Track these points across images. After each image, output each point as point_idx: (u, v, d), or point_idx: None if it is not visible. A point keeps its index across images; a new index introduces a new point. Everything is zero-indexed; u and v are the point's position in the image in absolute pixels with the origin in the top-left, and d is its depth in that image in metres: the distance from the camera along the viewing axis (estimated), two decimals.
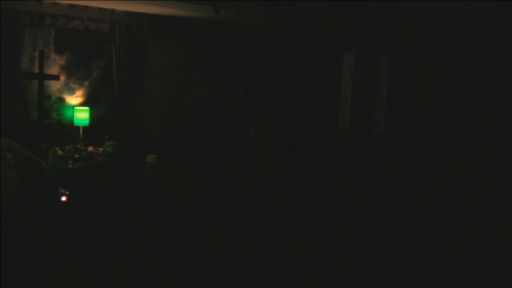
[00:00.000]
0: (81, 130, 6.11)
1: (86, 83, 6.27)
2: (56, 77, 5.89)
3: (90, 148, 6.06)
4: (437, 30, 6.57)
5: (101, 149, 6.18)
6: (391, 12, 5.34)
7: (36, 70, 5.69)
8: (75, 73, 6.16)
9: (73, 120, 6.10)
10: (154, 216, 5.69)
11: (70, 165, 5.71)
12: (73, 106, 6.14)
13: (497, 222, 5.69)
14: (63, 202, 5.31)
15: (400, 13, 5.40)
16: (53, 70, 5.94)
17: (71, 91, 6.17)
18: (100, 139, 6.27)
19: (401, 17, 5.72)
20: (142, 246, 4.98)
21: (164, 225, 5.50)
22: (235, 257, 4.98)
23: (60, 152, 5.82)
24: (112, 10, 6.11)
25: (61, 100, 6.11)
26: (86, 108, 6.09)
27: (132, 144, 6.46)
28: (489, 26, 5.88)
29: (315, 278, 4.66)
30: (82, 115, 6.04)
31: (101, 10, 6.01)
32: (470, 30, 6.29)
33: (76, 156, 5.88)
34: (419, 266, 4.89)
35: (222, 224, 5.68)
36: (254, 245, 5.25)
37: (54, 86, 6.01)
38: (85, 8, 5.87)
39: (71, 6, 5.75)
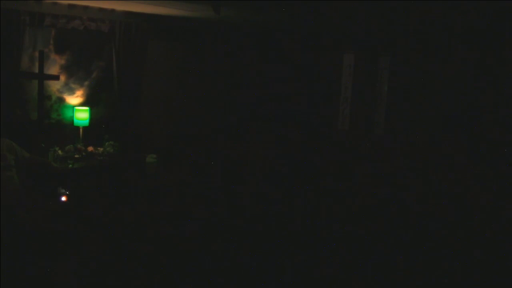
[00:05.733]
0: (81, 130, 6.11)
1: (86, 83, 6.28)
2: (56, 77, 5.89)
3: (90, 148, 6.06)
4: (437, 30, 6.57)
5: (101, 149, 6.18)
6: (391, 12, 5.34)
7: (36, 70, 5.69)
8: (75, 73, 6.17)
9: (73, 120, 6.11)
10: (154, 216, 5.69)
11: (70, 165, 5.71)
12: (73, 106, 6.15)
13: (497, 222, 5.70)
14: (63, 202, 5.32)
15: (400, 13, 5.40)
16: (53, 70, 5.95)
17: (71, 91, 6.17)
18: (100, 139, 6.27)
19: (401, 17, 5.72)
20: (142, 246, 4.98)
21: (164, 225, 5.50)
22: (235, 257, 4.98)
23: (60, 152, 5.82)
24: (112, 10, 6.12)
25: (61, 100, 6.11)
26: (86, 108, 6.09)
27: (132, 144, 6.46)
28: (489, 26, 5.88)
29: (316, 278, 4.66)
30: (82, 115, 6.04)
31: (101, 10, 6.01)
32: (470, 30, 6.29)
33: (76, 156, 5.88)
34: (419, 266, 4.89)
35: (222, 224, 5.68)
36: (254, 245, 5.25)
37: (54, 86, 6.01)
38: (85, 8, 5.87)
39: (71, 6, 5.75)
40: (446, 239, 5.43)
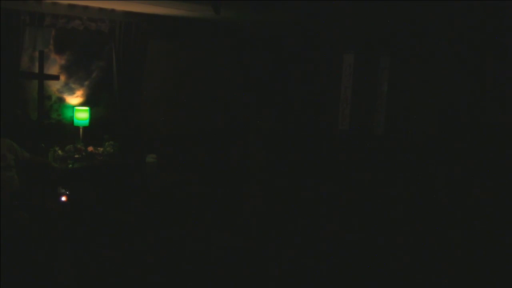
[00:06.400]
0: (81, 130, 6.12)
1: (86, 83, 6.28)
2: (56, 77, 5.89)
3: (90, 148, 6.06)
4: (437, 30, 6.56)
5: (101, 149, 6.18)
6: (391, 12, 5.34)
7: (36, 70, 5.69)
8: (75, 73, 6.17)
9: (73, 120, 6.11)
10: (154, 216, 5.69)
11: (70, 165, 5.71)
12: (73, 106, 6.15)
13: (497, 222, 5.69)
14: (63, 202, 5.32)
15: (400, 13, 5.40)
16: (53, 70, 5.95)
17: (71, 91, 6.17)
18: (100, 139, 6.27)
19: (401, 17, 5.72)
20: (142, 246, 4.99)
21: (164, 225, 5.51)
22: (235, 257, 4.98)
23: (60, 152, 5.83)
24: (112, 10, 6.12)
25: (61, 100, 6.12)
26: (86, 108, 6.09)
27: (132, 144, 6.46)
28: (489, 26, 5.87)
29: (315, 278, 4.66)
30: (82, 115, 6.04)
31: (101, 10, 6.01)
32: (470, 30, 6.28)
33: (76, 156, 5.88)
34: (418, 266, 4.89)
35: (222, 224, 5.68)
36: (254, 245, 5.26)
37: (54, 86, 6.01)
38: (85, 8, 5.87)
39: (71, 6, 5.75)
40: (447, 239, 5.43)
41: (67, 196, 5.37)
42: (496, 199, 6.01)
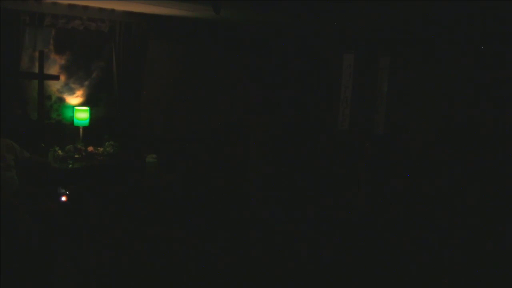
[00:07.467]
0: (81, 130, 6.12)
1: (86, 83, 6.28)
2: (56, 77, 5.89)
3: (90, 148, 6.06)
4: (437, 30, 6.57)
5: (101, 149, 6.18)
6: (391, 12, 5.34)
7: (36, 70, 5.69)
8: (75, 73, 6.17)
9: (73, 120, 6.11)
10: (154, 216, 5.70)
11: (70, 165, 5.71)
12: (73, 106, 6.15)
13: (496, 222, 5.70)
14: (63, 202, 5.32)
15: (400, 13, 5.41)
16: (53, 70, 5.95)
17: (71, 91, 6.17)
18: (100, 139, 6.27)
19: (401, 17, 5.72)
20: (142, 246, 4.99)
21: (164, 225, 5.51)
22: (235, 257, 4.98)
23: (60, 152, 5.83)
24: (112, 10, 6.11)
25: (61, 100, 6.12)
26: (86, 108, 6.09)
27: (132, 144, 6.46)
28: (489, 26, 5.88)
29: (315, 278, 4.67)
30: (82, 115, 6.04)
31: (101, 10, 6.01)
32: (470, 30, 6.29)
33: (76, 156, 5.88)
34: (418, 266, 4.90)
35: (222, 224, 5.69)
36: (254, 245, 5.26)
37: (54, 86, 6.01)
38: (85, 8, 5.87)
39: (71, 6, 5.75)
40: (446, 239, 5.44)
41: (67, 196, 5.37)
42: (496, 198, 6.02)
